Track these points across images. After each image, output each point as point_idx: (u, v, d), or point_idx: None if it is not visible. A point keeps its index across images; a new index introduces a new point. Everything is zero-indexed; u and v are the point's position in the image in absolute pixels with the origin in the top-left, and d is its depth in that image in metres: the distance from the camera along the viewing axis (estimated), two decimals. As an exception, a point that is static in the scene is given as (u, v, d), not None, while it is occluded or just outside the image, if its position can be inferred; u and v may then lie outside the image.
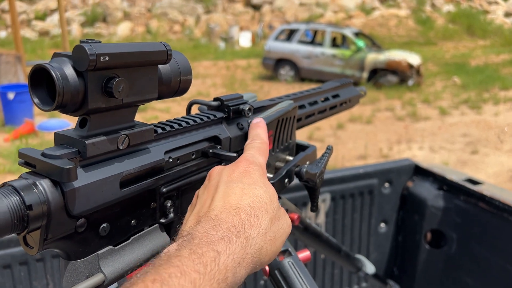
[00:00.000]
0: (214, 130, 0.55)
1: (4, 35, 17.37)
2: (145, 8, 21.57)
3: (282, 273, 0.58)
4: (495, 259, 1.33)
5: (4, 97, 6.46)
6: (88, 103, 0.39)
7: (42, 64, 0.38)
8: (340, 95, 0.84)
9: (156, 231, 0.49)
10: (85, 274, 0.42)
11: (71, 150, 0.40)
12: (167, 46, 0.43)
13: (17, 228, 0.36)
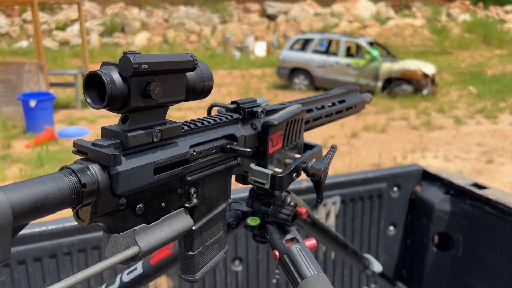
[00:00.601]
0: (231, 129, 0.62)
1: (26, 44, 17.85)
2: (162, 18, 21.95)
3: (290, 258, 0.65)
4: (500, 262, 1.37)
5: (26, 105, 6.66)
6: (130, 103, 0.46)
7: (95, 71, 0.46)
8: (346, 101, 0.91)
9: (181, 213, 0.56)
10: (124, 246, 0.49)
11: (115, 141, 0.47)
12: (194, 57, 0.51)
13: (74, 202, 0.43)
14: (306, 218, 0.79)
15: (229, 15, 23.75)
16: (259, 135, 0.65)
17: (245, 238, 1.43)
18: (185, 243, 0.61)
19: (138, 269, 0.79)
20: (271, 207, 0.70)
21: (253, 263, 1.46)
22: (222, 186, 0.64)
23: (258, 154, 0.67)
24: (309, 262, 0.64)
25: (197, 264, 0.61)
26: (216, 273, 1.41)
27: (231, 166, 0.63)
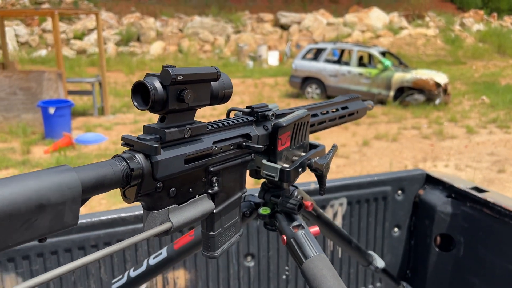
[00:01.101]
0: (246, 129, 0.74)
1: (45, 53, 18.29)
2: (177, 28, 22.30)
3: (296, 241, 0.75)
4: (499, 261, 1.45)
5: (45, 112, 6.87)
6: (168, 106, 0.57)
7: (142, 81, 0.57)
8: (349, 107, 1.01)
9: (205, 198, 0.67)
10: (159, 221, 0.59)
11: (155, 136, 0.58)
12: (218, 70, 0.62)
13: (124, 183, 0.54)
14: (311, 210, 0.89)
15: (242, 25, 24.02)
16: (270, 135, 0.76)
17: (257, 235, 1.53)
18: (207, 224, 0.71)
19: (163, 254, 0.90)
20: (280, 198, 0.81)
21: (264, 259, 1.55)
22: (238, 177, 0.74)
23: (268, 152, 0.77)
24: (313, 245, 0.74)
25: (217, 243, 0.72)
26: (229, 268, 1.51)
27: (246, 161, 0.74)
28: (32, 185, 0.43)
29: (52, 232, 0.46)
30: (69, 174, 0.47)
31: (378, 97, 10.13)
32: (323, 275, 0.69)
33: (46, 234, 0.45)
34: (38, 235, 0.44)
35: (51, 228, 0.45)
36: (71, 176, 0.47)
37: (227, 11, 28.89)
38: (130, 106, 9.82)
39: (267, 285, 1.57)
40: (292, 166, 0.77)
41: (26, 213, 0.42)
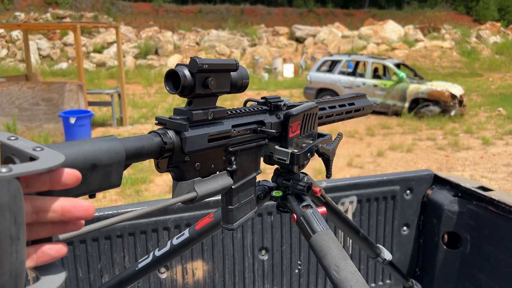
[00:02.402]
0: (261, 116, 0.83)
1: (65, 66, 18.78)
2: (194, 41, 22.69)
3: (305, 218, 0.83)
4: (503, 256, 1.50)
5: (67, 122, 7.08)
6: (195, 91, 0.67)
7: (174, 69, 0.67)
8: (355, 104, 1.10)
9: (224, 174, 0.76)
10: (186, 190, 0.69)
11: (184, 116, 0.68)
12: (236, 61, 0.72)
13: (158, 154, 0.63)
14: (320, 196, 0.98)
15: (258, 38, 24.31)
16: (282, 123, 0.86)
17: (271, 230, 1.61)
18: (226, 199, 0.81)
19: (185, 235, 0.99)
20: (291, 181, 0.90)
21: (278, 253, 1.63)
22: (254, 159, 0.83)
23: (280, 138, 0.87)
24: (320, 221, 0.82)
25: (235, 217, 0.81)
26: (245, 260, 1.60)
27: (260, 145, 0.83)
28: (88, 148, 0.52)
29: (101, 190, 0.55)
30: (116, 142, 0.56)
31: (393, 109, 10.15)
32: (329, 246, 0.77)
33: (96, 190, 0.54)
34: (90, 190, 0.53)
35: (100, 185, 0.54)
36: (117, 143, 0.56)
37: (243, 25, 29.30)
38: (147, 117, 10.02)
39: (280, 278, 1.65)
40: (301, 150, 0.86)
41: (83, 170, 0.51)
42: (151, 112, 10.57)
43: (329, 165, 0.91)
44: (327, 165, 0.91)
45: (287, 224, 1.62)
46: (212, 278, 1.55)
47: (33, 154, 0.43)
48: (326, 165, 0.91)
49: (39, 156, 0.42)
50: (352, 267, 0.74)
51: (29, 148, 0.43)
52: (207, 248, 1.52)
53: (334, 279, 0.73)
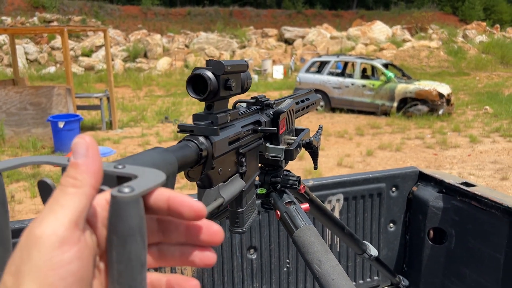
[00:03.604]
0: (257, 116, 0.84)
1: (53, 70, 18.64)
2: (183, 44, 22.66)
3: (288, 214, 0.85)
4: (487, 250, 1.53)
5: (55, 126, 7.03)
6: (220, 94, 0.66)
7: (198, 73, 0.65)
8: (310, 98, 1.13)
9: (238, 177, 0.75)
10: (213, 197, 0.67)
11: (208, 121, 0.66)
12: (246, 62, 0.72)
13: (195, 162, 0.61)
14: (304, 193, 1.00)
15: (247, 40, 24.35)
16: (272, 120, 0.87)
17: (259, 229, 1.63)
18: (236, 202, 0.80)
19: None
20: (281, 177, 0.92)
21: (266, 252, 1.65)
22: (255, 159, 0.85)
23: (271, 136, 0.88)
24: (302, 217, 0.84)
25: (245, 219, 0.80)
26: (233, 259, 1.61)
27: (259, 144, 0.84)
28: (151, 161, 0.49)
29: None
30: (168, 152, 0.54)
31: (382, 108, 10.24)
32: (311, 241, 0.79)
33: None
34: None
35: None
36: (170, 154, 0.54)
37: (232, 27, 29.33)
38: (137, 121, 9.99)
39: (269, 277, 1.67)
40: (293, 145, 0.88)
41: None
42: (141, 115, 10.54)
43: (316, 157, 0.93)
44: (315, 157, 0.94)
45: (275, 222, 1.64)
46: (201, 278, 1.56)
47: (121, 172, 0.37)
48: (314, 157, 0.94)
49: (137, 174, 0.36)
50: (333, 260, 0.75)
51: (110, 166, 0.38)
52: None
53: (316, 273, 0.75)
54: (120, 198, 0.32)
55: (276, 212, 0.88)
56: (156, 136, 8.48)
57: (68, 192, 0.32)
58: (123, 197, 0.32)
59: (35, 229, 0.30)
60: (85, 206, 0.32)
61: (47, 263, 0.29)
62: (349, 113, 10.62)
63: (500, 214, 1.45)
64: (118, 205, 0.32)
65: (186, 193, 0.81)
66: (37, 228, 0.30)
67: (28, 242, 0.29)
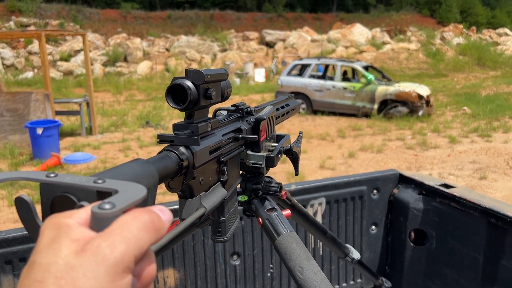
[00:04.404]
0: (237, 124, 0.84)
1: (31, 75, 18.30)
2: (163, 47, 22.51)
3: (270, 221, 0.85)
4: (466, 250, 1.56)
5: (33, 132, 6.89)
6: (200, 103, 0.65)
7: (177, 83, 0.64)
8: (290, 104, 1.14)
9: (219, 185, 0.75)
10: (195, 207, 0.66)
11: (188, 131, 0.65)
12: (226, 70, 0.72)
13: (176, 173, 0.60)
14: (285, 199, 1.00)
15: (228, 43, 24.34)
16: (253, 128, 0.87)
17: (242, 235, 1.62)
18: (218, 211, 0.79)
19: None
20: (263, 183, 0.91)
21: (250, 258, 1.64)
22: (236, 167, 0.84)
23: (252, 144, 0.87)
24: (284, 224, 0.84)
25: (227, 227, 0.80)
26: (216, 266, 1.60)
27: (239, 152, 0.84)
28: (131, 173, 0.48)
29: None
30: (148, 164, 0.53)
31: (363, 110, 10.35)
32: (293, 248, 0.79)
33: None
34: None
35: None
36: (150, 166, 0.53)
37: (213, 30, 29.29)
38: (117, 125, 9.87)
39: (253, 282, 1.66)
40: (274, 152, 0.87)
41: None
42: (121, 120, 10.42)
43: (297, 164, 0.93)
44: (296, 163, 0.94)
45: (257, 228, 1.63)
46: (184, 286, 1.54)
47: (101, 187, 0.36)
48: (295, 163, 0.94)
49: (117, 189, 0.36)
50: (315, 267, 0.75)
51: (90, 181, 0.37)
52: (178, 256, 1.52)
53: (299, 280, 0.74)
54: (100, 215, 0.31)
55: (258, 219, 0.88)
56: (137, 141, 8.40)
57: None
58: (103, 214, 0.31)
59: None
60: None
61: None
62: (331, 116, 10.71)
63: (478, 215, 1.48)
64: (98, 221, 0.32)
65: (167, 199, 0.80)
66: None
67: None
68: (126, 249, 0.31)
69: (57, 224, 0.32)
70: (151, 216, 0.34)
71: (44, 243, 0.31)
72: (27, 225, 0.38)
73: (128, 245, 0.31)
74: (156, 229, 0.34)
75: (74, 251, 0.30)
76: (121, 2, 36.94)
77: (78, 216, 0.33)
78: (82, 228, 0.32)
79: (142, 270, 0.33)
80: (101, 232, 0.31)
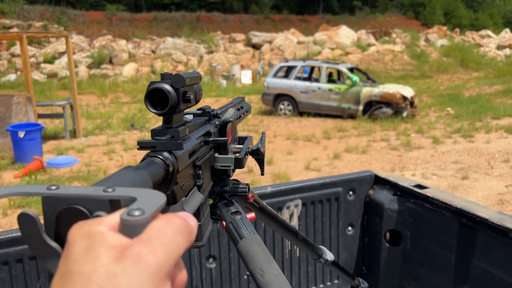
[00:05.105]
0: (206, 127, 0.83)
1: (14, 77, 18.05)
2: (149, 49, 22.39)
3: (233, 225, 0.85)
4: (439, 250, 1.57)
5: (15, 136, 6.80)
6: (180, 107, 0.65)
7: (157, 87, 0.63)
8: (243, 107, 1.14)
9: (195, 190, 0.74)
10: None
11: (169, 136, 0.65)
12: (200, 74, 0.72)
13: (164, 179, 0.59)
14: (253, 202, 1.00)
15: (215, 45, 24.31)
16: (220, 130, 0.87)
17: (217, 237, 1.62)
18: (194, 216, 0.78)
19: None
20: (231, 185, 0.91)
21: (226, 260, 1.64)
22: (209, 170, 0.84)
23: (219, 146, 0.87)
24: (247, 227, 0.84)
25: (203, 232, 0.79)
26: (192, 270, 1.59)
27: (211, 155, 0.84)
28: (128, 180, 0.47)
29: None
30: (142, 171, 0.53)
31: (348, 112, 10.42)
32: (255, 251, 0.79)
33: None
34: None
35: None
36: (144, 172, 0.53)
37: (200, 32, 29.22)
38: (102, 128, 9.79)
39: (229, 285, 1.65)
40: (241, 154, 0.88)
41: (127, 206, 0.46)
42: (106, 122, 10.33)
43: (263, 163, 0.94)
44: (261, 163, 0.94)
45: (233, 230, 1.63)
46: (159, 290, 1.53)
47: (115, 195, 0.35)
48: (261, 163, 0.94)
49: (136, 196, 0.35)
50: (276, 270, 0.75)
51: (98, 191, 0.36)
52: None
53: (259, 283, 0.75)
54: (131, 222, 0.31)
55: (222, 222, 0.87)
56: (122, 144, 8.33)
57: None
58: (135, 220, 0.31)
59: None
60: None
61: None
62: (316, 117, 10.76)
63: (450, 215, 1.50)
64: (130, 228, 0.31)
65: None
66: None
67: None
68: (166, 254, 0.30)
69: (88, 232, 0.31)
70: (182, 219, 0.34)
71: (78, 252, 0.30)
72: (32, 242, 0.36)
73: (167, 250, 0.30)
74: (189, 232, 0.33)
75: (114, 258, 0.29)
76: (106, 4, 36.65)
77: (107, 223, 0.32)
78: (117, 234, 0.31)
79: (176, 276, 0.33)
80: (138, 238, 0.31)
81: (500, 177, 6.18)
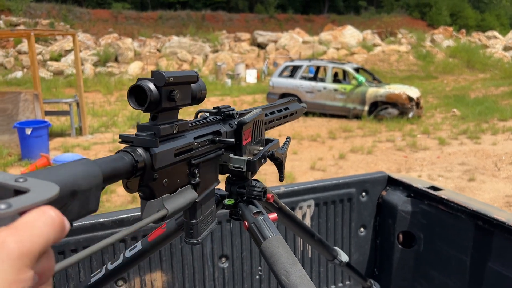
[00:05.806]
0: (216, 126, 0.83)
1: (20, 75, 18.12)
2: (155, 48, 22.43)
3: (256, 225, 0.84)
4: (453, 252, 1.57)
5: (22, 133, 6.82)
6: (162, 105, 0.65)
7: (138, 84, 0.65)
8: (289, 108, 1.13)
9: (189, 188, 0.75)
10: (156, 209, 0.66)
11: (150, 132, 0.66)
12: (197, 73, 0.72)
13: (130, 174, 0.61)
14: (272, 202, 0.99)
15: (220, 44, 24.32)
16: (235, 131, 0.86)
17: (231, 237, 1.62)
18: (190, 213, 0.79)
19: (138, 246, 0.97)
20: (246, 188, 0.91)
21: (238, 260, 1.64)
22: (213, 170, 0.83)
23: (234, 147, 0.87)
24: (270, 227, 0.83)
25: (199, 230, 0.80)
26: (205, 269, 1.59)
27: (218, 155, 0.83)
28: (67, 173, 0.48)
29: (79, 217, 0.50)
30: (92, 164, 0.53)
31: (353, 112, 10.40)
32: (279, 252, 0.78)
33: (75, 219, 0.49)
34: (70, 220, 0.46)
35: (79, 213, 0.49)
36: (94, 166, 0.53)
37: (205, 31, 29.24)
38: (108, 126, 9.81)
39: (242, 285, 1.65)
40: (256, 157, 0.87)
41: (63, 198, 0.46)
42: (112, 120, 10.35)
43: (282, 169, 0.93)
44: (280, 168, 0.93)
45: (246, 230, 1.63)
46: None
47: (19, 186, 0.37)
48: (280, 168, 0.94)
49: (30, 188, 0.37)
50: (301, 271, 0.75)
51: (11, 180, 0.38)
52: (165, 259, 1.51)
53: (284, 284, 0.74)
54: None
55: (244, 223, 0.87)
56: (128, 142, 8.35)
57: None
58: (0, 214, 0.32)
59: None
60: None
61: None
62: (322, 117, 10.74)
63: (465, 217, 1.49)
64: None
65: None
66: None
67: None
68: (31, 243, 0.32)
69: None
70: (57, 214, 0.35)
71: None
72: None
73: (32, 239, 0.32)
74: (61, 227, 0.35)
75: None
76: (112, 2, 36.73)
77: None
78: None
79: (43, 266, 0.34)
80: (7, 226, 0.32)
81: (507, 179, 6.14)
